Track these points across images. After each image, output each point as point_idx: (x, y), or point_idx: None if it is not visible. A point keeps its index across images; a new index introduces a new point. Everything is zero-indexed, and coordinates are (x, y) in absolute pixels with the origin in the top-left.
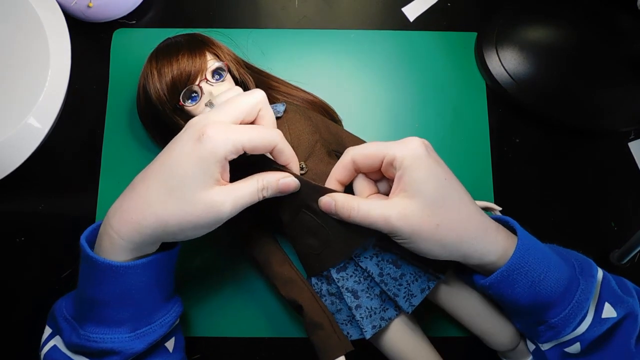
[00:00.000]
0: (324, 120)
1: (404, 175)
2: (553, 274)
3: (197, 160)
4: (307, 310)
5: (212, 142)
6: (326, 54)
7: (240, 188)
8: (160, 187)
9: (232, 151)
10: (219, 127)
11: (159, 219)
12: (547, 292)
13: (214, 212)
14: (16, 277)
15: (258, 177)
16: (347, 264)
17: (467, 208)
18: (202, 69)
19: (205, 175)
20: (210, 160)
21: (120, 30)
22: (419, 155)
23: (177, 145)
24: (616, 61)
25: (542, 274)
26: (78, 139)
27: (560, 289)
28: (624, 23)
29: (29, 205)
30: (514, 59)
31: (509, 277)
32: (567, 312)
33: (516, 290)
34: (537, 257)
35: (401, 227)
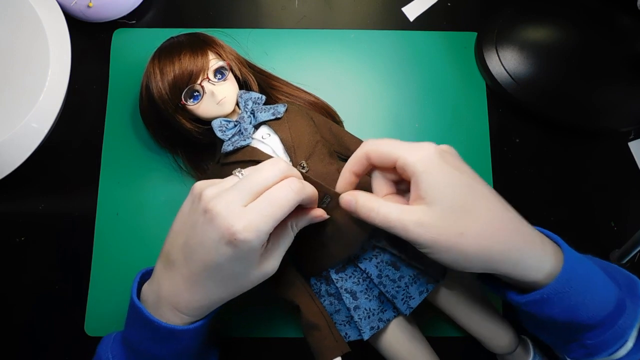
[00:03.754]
0: (326, 121)
1: (419, 182)
2: (599, 297)
3: (240, 260)
4: (304, 311)
5: (247, 244)
6: (326, 54)
7: (281, 244)
8: (216, 284)
9: (266, 237)
10: (246, 228)
11: (223, 300)
12: (590, 315)
13: (266, 276)
14: (16, 277)
15: (290, 226)
16: (347, 265)
17: (499, 216)
18: (204, 68)
19: (251, 264)
20: (252, 256)
21: (120, 30)
22: (431, 161)
23: (212, 250)
24: (616, 61)
25: (587, 297)
26: (78, 139)
27: (603, 312)
28: (624, 23)
29: (29, 205)
30: (514, 59)
31: (549, 298)
32: (606, 336)
33: (554, 310)
34: (583, 279)
35: (420, 235)
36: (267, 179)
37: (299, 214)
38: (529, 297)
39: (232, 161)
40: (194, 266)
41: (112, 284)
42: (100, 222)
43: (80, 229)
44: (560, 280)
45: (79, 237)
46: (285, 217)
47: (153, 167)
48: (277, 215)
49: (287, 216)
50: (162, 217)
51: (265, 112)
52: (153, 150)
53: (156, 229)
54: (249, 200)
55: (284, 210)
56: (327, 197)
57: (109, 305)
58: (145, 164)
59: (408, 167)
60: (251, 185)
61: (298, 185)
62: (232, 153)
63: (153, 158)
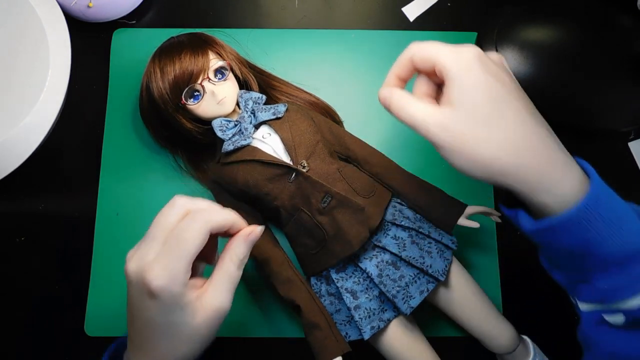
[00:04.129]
0: (326, 121)
1: (450, 84)
2: (619, 236)
3: (170, 308)
4: (304, 310)
5: (164, 290)
6: (326, 54)
7: (224, 280)
8: (168, 341)
9: (184, 276)
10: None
11: (188, 355)
12: (607, 254)
13: (217, 315)
14: (16, 277)
15: (229, 258)
16: (347, 264)
17: (525, 132)
18: (205, 68)
19: (184, 309)
20: (178, 300)
21: (120, 30)
22: (467, 64)
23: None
24: (616, 61)
25: (608, 234)
26: (78, 139)
27: (620, 254)
28: (624, 23)
29: (29, 205)
30: (514, 59)
31: (566, 228)
32: (619, 280)
33: (566, 242)
34: (608, 214)
35: (439, 135)
36: (169, 222)
37: (233, 243)
38: (541, 224)
39: (232, 161)
40: (140, 332)
41: (112, 284)
42: (100, 222)
43: (80, 229)
44: (581, 209)
45: (79, 237)
46: (198, 250)
47: (153, 167)
48: (187, 252)
49: (224, 250)
50: None
51: (266, 112)
52: (153, 150)
53: None
54: (158, 248)
55: (193, 244)
56: (327, 197)
57: (109, 305)
58: (145, 164)
59: (444, 69)
60: (155, 233)
61: (201, 216)
62: (233, 152)
63: (153, 158)
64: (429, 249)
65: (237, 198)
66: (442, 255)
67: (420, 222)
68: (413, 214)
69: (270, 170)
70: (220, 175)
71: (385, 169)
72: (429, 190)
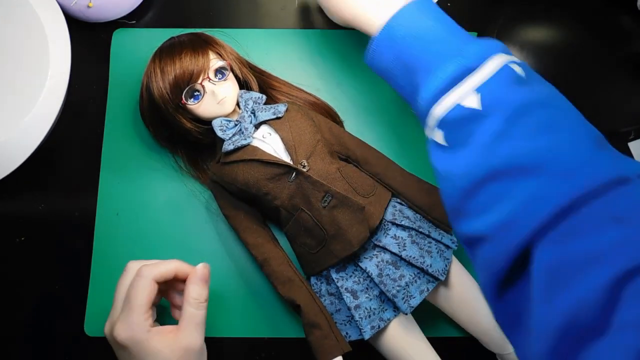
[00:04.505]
0: (326, 121)
1: None
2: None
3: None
4: (305, 310)
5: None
6: (326, 54)
7: (189, 323)
8: None
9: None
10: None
11: None
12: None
13: (188, 351)
14: (16, 277)
15: (187, 303)
16: (347, 264)
17: None
18: (205, 67)
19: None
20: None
21: (120, 30)
22: None
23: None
24: (616, 61)
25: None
26: (78, 139)
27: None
28: (624, 24)
29: (29, 205)
30: None
31: (380, 47)
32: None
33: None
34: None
35: None
36: (124, 285)
37: (186, 288)
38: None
39: (232, 160)
40: None
41: (112, 284)
42: (100, 222)
43: (80, 229)
44: (383, 32)
45: (79, 237)
46: (148, 300)
47: (153, 167)
48: (138, 304)
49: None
50: (162, 217)
51: (266, 112)
52: (153, 150)
53: (156, 229)
54: (120, 309)
55: (142, 296)
56: (327, 196)
57: (109, 305)
58: (145, 164)
59: None
60: (116, 297)
61: (145, 271)
62: (233, 152)
63: (153, 158)
64: (429, 249)
65: (237, 198)
66: (442, 254)
67: (420, 222)
68: (413, 214)
69: (271, 170)
70: (220, 175)
71: (385, 169)
72: (429, 190)
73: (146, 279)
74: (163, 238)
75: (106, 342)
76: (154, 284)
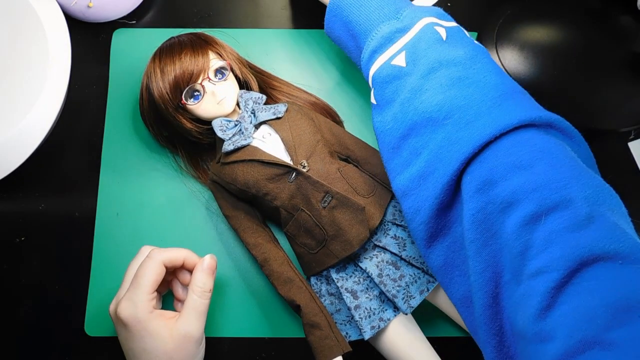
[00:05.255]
0: (326, 121)
1: None
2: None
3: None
4: (305, 310)
5: (129, 316)
6: (326, 54)
7: (191, 311)
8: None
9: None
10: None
11: None
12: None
13: (187, 338)
14: (16, 277)
15: (191, 290)
16: (347, 264)
17: None
18: (205, 68)
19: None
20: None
21: (120, 30)
22: None
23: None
24: (616, 61)
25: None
26: (78, 139)
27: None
28: (624, 23)
29: (29, 205)
30: (514, 59)
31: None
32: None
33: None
34: None
35: None
36: (134, 267)
37: (193, 276)
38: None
39: (232, 160)
40: None
41: (112, 284)
42: (100, 222)
43: (80, 229)
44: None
45: (79, 237)
46: (154, 281)
47: (153, 167)
48: (144, 284)
49: (190, 285)
50: (162, 217)
51: (266, 112)
52: (153, 150)
53: (156, 229)
54: (126, 289)
55: (148, 277)
56: (327, 196)
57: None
58: (145, 164)
59: None
60: (125, 278)
61: (155, 254)
62: (233, 152)
63: (153, 158)
64: None
65: (238, 198)
66: None
67: None
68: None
69: (271, 170)
70: (220, 175)
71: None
72: None
73: (155, 261)
74: (163, 238)
75: (106, 341)
76: (162, 266)
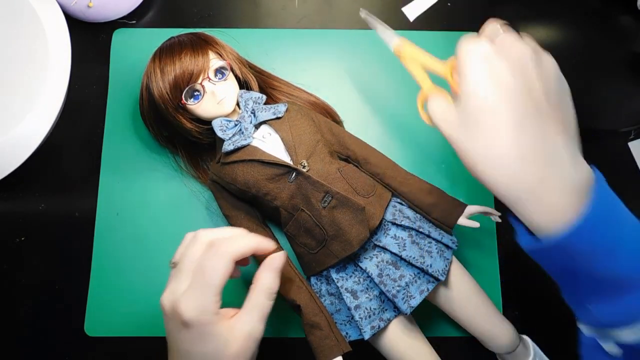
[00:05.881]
0: (326, 121)
1: (459, 72)
2: (614, 262)
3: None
4: (305, 310)
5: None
6: (326, 54)
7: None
8: None
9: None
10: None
11: None
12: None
13: (250, 339)
14: (16, 277)
15: (258, 290)
16: (347, 264)
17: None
18: (205, 67)
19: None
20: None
21: (120, 30)
22: (471, 51)
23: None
24: (616, 61)
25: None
26: (78, 139)
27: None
28: (624, 23)
29: (29, 205)
30: None
31: (553, 252)
32: (613, 310)
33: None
34: (602, 239)
35: (440, 126)
36: (194, 255)
37: (260, 275)
38: (532, 246)
39: (232, 160)
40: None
41: (112, 284)
42: (100, 222)
43: (80, 229)
44: (571, 237)
45: (79, 237)
46: (224, 281)
47: (153, 167)
48: (213, 284)
49: (254, 281)
50: (162, 217)
51: (266, 112)
52: (153, 150)
53: (156, 229)
54: (187, 282)
55: (218, 277)
56: (327, 196)
57: (109, 305)
58: (145, 164)
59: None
60: (182, 267)
61: (224, 249)
62: (233, 152)
63: (153, 158)
64: (429, 249)
65: (238, 198)
66: (442, 255)
67: (420, 222)
68: (413, 214)
69: (271, 170)
70: (220, 175)
71: (385, 169)
72: (429, 190)
73: (227, 259)
74: (163, 238)
75: (106, 341)
76: (233, 264)
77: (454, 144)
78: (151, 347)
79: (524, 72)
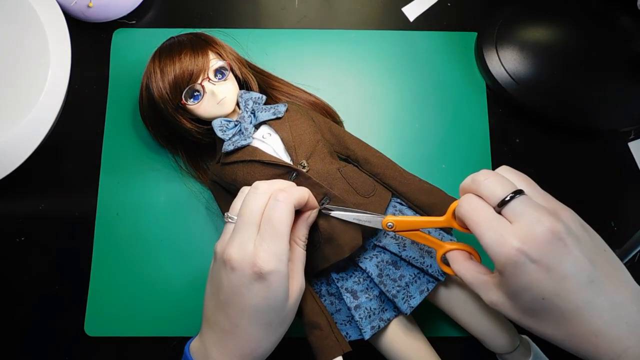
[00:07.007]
0: (326, 121)
1: (502, 276)
2: None
3: (275, 292)
4: (305, 310)
5: (276, 272)
6: (326, 54)
7: (296, 263)
8: (260, 328)
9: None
10: (267, 259)
11: (272, 343)
12: None
13: (299, 299)
14: (16, 277)
15: (295, 242)
16: (347, 264)
17: (569, 327)
18: (205, 68)
19: (285, 291)
20: (284, 282)
21: (120, 30)
22: (515, 264)
23: (246, 294)
24: (616, 61)
25: None
26: (78, 138)
27: None
28: (624, 23)
29: (29, 205)
30: (514, 59)
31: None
32: None
33: None
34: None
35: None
36: (258, 208)
37: (296, 227)
38: None
39: (232, 161)
40: (234, 317)
41: (112, 284)
42: (100, 222)
43: (80, 229)
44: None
45: (79, 237)
46: (290, 228)
47: (153, 167)
48: (284, 232)
49: (293, 237)
50: (162, 217)
51: (266, 112)
52: (153, 150)
53: (156, 229)
54: (254, 234)
55: (286, 225)
56: (326, 198)
57: (109, 305)
58: (145, 164)
59: (493, 260)
60: (247, 220)
61: (284, 196)
62: (233, 153)
63: (153, 158)
64: (429, 249)
65: None
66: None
67: None
68: (413, 214)
69: (271, 170)
70: (220, 175)
71: (385, 169)
72: (429, 190)
73: (291, 209)
74: (163, 238)
75: (106, 341)
76: (293, 210)
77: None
78: (151, 347)
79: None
